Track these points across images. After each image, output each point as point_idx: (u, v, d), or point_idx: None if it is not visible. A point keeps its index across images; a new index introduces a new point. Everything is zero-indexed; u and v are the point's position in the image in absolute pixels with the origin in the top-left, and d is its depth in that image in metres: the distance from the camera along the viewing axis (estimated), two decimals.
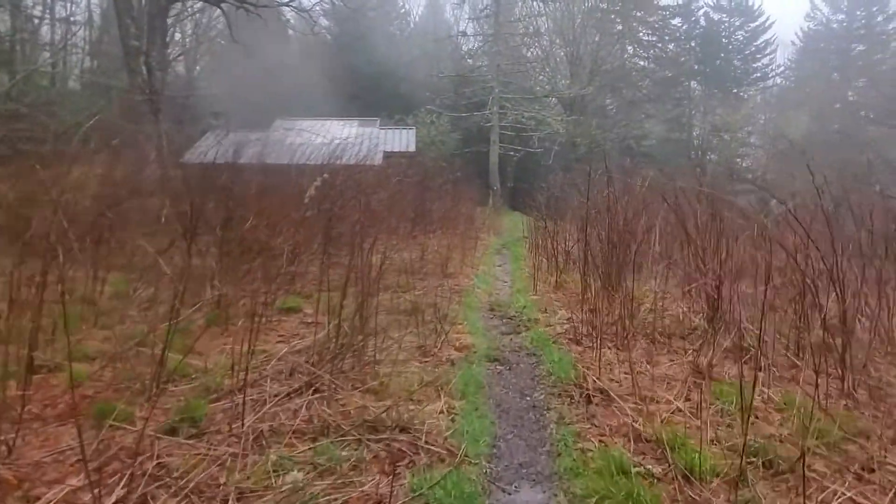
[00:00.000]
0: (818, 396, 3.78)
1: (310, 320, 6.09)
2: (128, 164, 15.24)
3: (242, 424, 3.30)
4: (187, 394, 3.87)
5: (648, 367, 4.65)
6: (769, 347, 4.94)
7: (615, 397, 3.84)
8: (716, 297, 6.11)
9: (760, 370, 4.62)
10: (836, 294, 4.30)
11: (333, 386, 3.79)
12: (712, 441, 3.32)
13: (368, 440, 3.20)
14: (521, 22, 29.17)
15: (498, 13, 27.12)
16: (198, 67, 39.08)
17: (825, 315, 4.31)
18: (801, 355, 4.80)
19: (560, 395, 4.05)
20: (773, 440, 3.34)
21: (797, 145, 36.99)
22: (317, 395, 3.65)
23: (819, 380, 4.07)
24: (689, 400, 3.94)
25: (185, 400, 3.70)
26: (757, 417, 3.59)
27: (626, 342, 5.31)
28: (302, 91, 33.38)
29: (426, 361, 4.61)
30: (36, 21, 25.80)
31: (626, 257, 8.13)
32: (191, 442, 3.20)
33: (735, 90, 43.51)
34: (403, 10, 44.05)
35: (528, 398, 4.10)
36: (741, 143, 41.23)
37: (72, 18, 28.24)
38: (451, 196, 16.01)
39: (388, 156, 23.32)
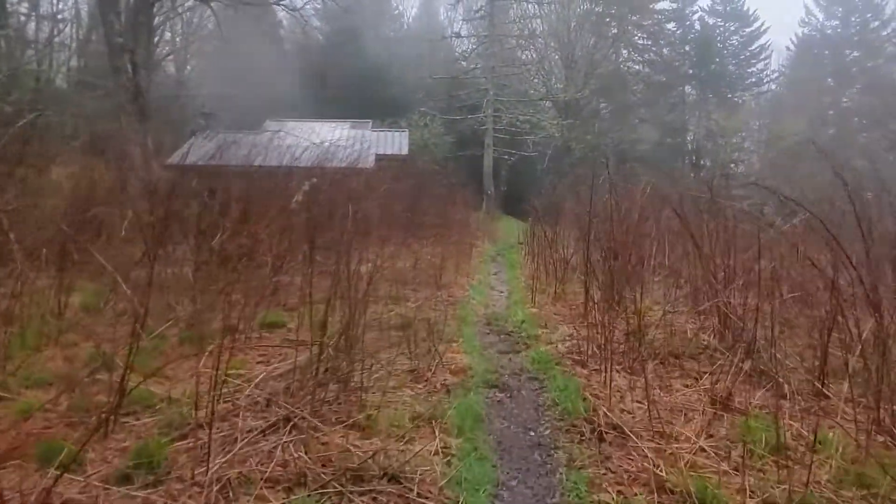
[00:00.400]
0: (857, 434, 3.38)
1: (294, 337, 5.66)
2: (111, 166, 14.77)
3: (207, 470, 2.86)
4: (149, 429, 3.43)
5: (662, 393, 4.25)
6: (791, 372, 4.55)
7: (630, 434, 3.43)
8: (728, 313, 5.73)
9: (783, 397, 4.23)
10: (871, 312, 3.90)
11: (313, 422, 3.35)
12: (744, 491, 2.91)
13: (351, 493, 2.77)
14: (515, 24, 28.84)
15: (492, 15, 26.78)
16: (188, 67, 38.59)
17: (862, 336, 3.91)
18: (824, 381, 4.40)
19: (568, 430, 3.63)
20: (813, 489, 2.94)
21: (792, 151, 36.94)
22: (294, 436, 3.21)
23: (852, 412, 3.68)
24: (711, 436, 3.54)
25: (144, 437, 3.26)
26: (790, 459, 3.18)
27: (635, 364, 4.91)
28: (293, 92, 32.96)
29: (419, 388, 4.19)
30: (22, 18, 25.21)
31: (630, 268, 7.75)
32: (146, 493, 2.76)
33: (730, 95, 43.39)
34: (397, 11, 43.74)
35: (533, 434, 3.68)
36: (736, 148, 41.13)
37: (59, 15, 27.65)
38: (445, 201, 15.58)
39: (380, 159, 22.86)
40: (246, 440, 3.18)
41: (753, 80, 45.13)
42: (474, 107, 27.26)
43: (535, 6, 29.56)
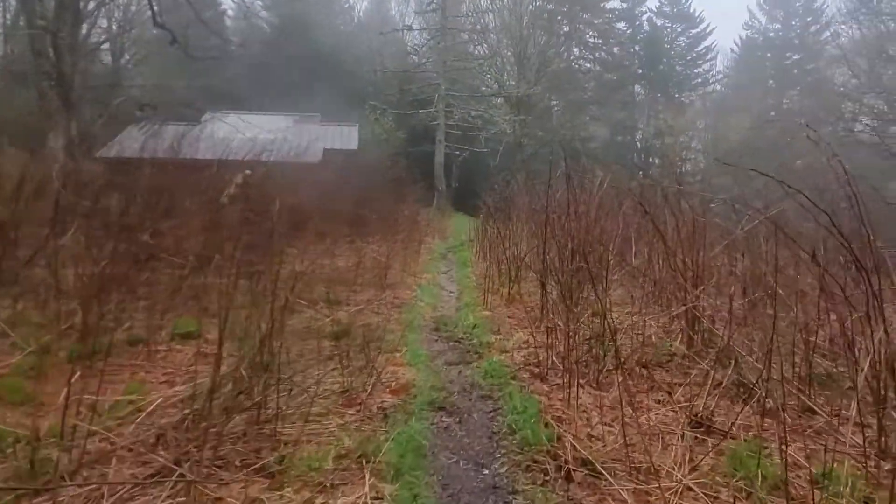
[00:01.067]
0: (866, 463, 2.88)
1: (212, 350, 4.90)
2: (32, 159, 13.51)
3: None
4: None
5: (632, 411, 3.68)
6: (772, 383, 4.06)
7: (603, 471, 2.84)
8: (698, 316, 5.25)
9: (767, 414, 3.74)
10: (870, 316, 3.42)
11: (208, 470, 2.63)
12: None
13: None
14: (468, 18, 28.27)
15: (444, 8, 26.15)
16: (126, 56, 36.58)
17: (853, 343, 3.43)
18: (810, 394, 3.93)
19: (529, 466, 3.00)
20: None
21: (736, 151, 37.69)
22: (179, 490, 2.48)
23: (853, 435, 3.19)
24: (695, 469, 2.98)
25: None
26: (792, 499, 2.65)
27: (600, 377, 4.35)
28: (239, 84, 31.65)
29: (350, 414, 3.50)
30: None
31: (589, 266, 7.24)
32: None
33: (677, 95, 44.03)
34: (347, 4, 42.69)
35: (486, 472, 3.03)
36: (683, 146, 41.75)
37: None
38: (393, 196, 14.87)
39: (327, 153, 22.00)
40: (115, 497, 2.44)
41: (699, 80, 45.95)
42: (426, 102, 26.60)
43: (488, 0, 29.13)
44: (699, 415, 3.48)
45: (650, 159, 42.07)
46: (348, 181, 14.68)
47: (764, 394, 3.87)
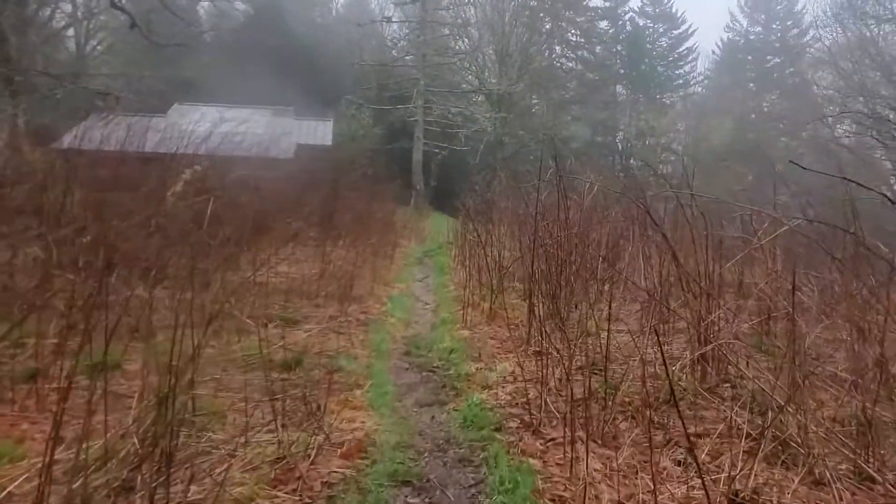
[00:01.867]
0: None
1: (127, 387, 4.05)
2: None
3: None
4: None
5: (648, 481, 2.89)
6: (817, 440, 3.30)
7: None
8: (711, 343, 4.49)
9: (819, 485, 2.98)
10: None
11: None
12: None
13: None
14: (448, 11, 27.42)
15: (425, 0, 25.27)
16: (92, 43, 35.04)
17: None
18: (869, 457, 3.17)
19: None
20: None
21: (716, 154, 37.43)
22: None
23: None
24: None
25: None
26: None
27: (603, 425, 3.55)
28: (211, 75, 30.51)
29: (282, 499, 2.64)
30: None
31: (583, 277, 6.48)
32: None
33: (658, 96, 43.69)
34: None
35: None
36: (664, 148, 41.42)
37: None
38: (368, 195, 13.95)
39: (300, 149, 21.04)
40: None
41: (681, 81, 45.64)
42: (405, 97, 25.71)
43: None
44: (741, 495, 2.69)
45: (630, 160, 41.69)
46: (320, 178, 13.78)
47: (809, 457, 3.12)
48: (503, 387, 4.30)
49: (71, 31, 33.91)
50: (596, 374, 4.59)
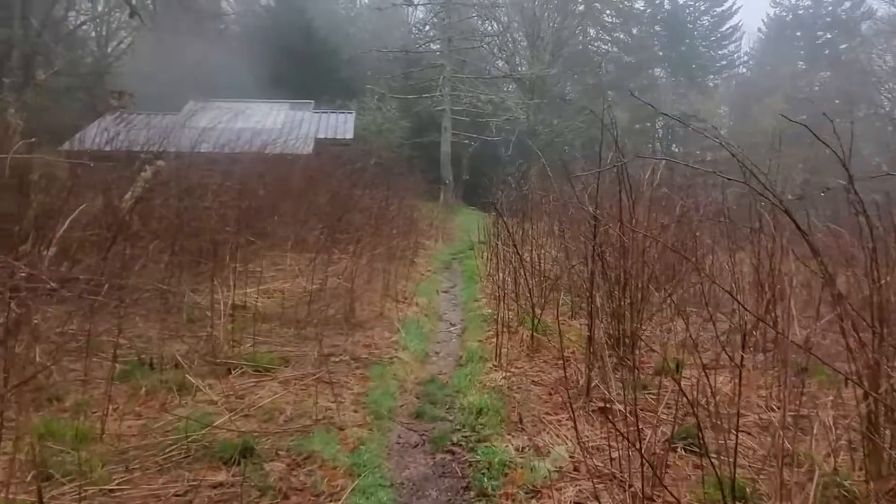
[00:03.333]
0: None
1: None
2: None
3: None
4: None
5: None
6: None
7: None
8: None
9: None
10: None
11: None
12: None
13: None
14: None
15: None
16: (117, 42, 34.39)
17: None
18: None
19: None
20: None
21: (766, 138, 34.87)
22: None
23: None
24: None
25: None
26: None
27: None
28: (233, 72, 29.62)
29: None
30: None
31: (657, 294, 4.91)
32: None
33: (700, 78, 41.22)
34: None
35: None
36: (711, 134, 38.93)
37: None
38: (392, 192, 12.40)
39: (320, 143, 19.70)
40: None
41: (724, 62, 43.08)
42: (431, 87, 24.17)
43: None
44: None
45: (672, 147, 39.44)
46: (338, 174, 12.33)
47: None
48: (562, 489, 2.73)
49: (93, 33, 33.50)
50: (692, 449, 3.03)
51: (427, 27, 26.13)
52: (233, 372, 4.05)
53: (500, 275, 7.36)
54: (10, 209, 5.59)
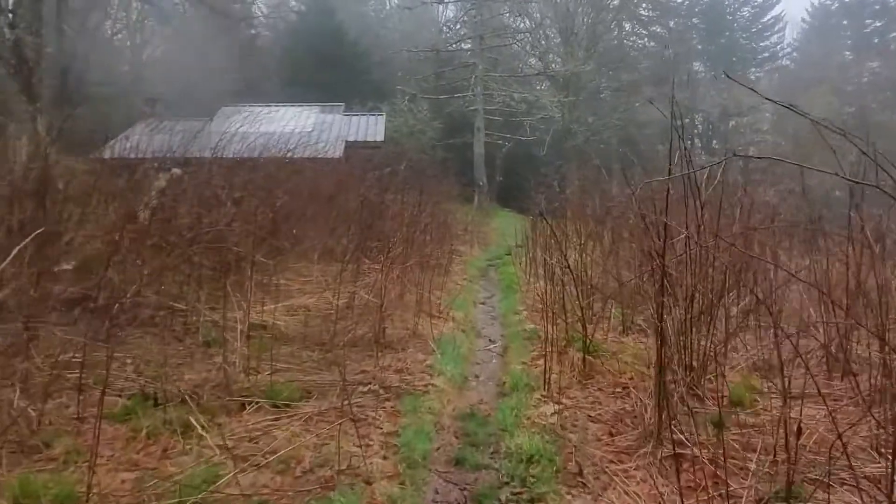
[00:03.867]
0: None
1: None
2: None
3: None
4: None
5: None
6: None
7: None
8: None
9: None
10: None
11: None
12: None
13: None
14: None
15: None
16: (148, 51, 34.81)
17: None
18: None
19: None
20: None
21: (812, 133, 33.29)
22: None
23: None
24: None
25: None
26: None
27: None
28: (264, 76, 29.68)
29: None
30: None
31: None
32: None
33: (741, 71, 39.74)
34: None
35: None
36: (752, 129, 37.57)
37: None
38: (425, 196, 11.89)
39: (350, 147, 19.35)
40: None
41: (766, 55, 41.46)
42: (463, 87, 23.65)
43: None
44: None
45: (712, 143, 38.13)
46: (368, 178, 11.88)
47: None
48: None
49: (128, 42, 33.98)
50: None
51: (458, 25, 25.60)
52: (247, 407, 3.57)
53: (543, 285, 6.78)
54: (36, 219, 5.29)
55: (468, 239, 13.64)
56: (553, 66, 29.36)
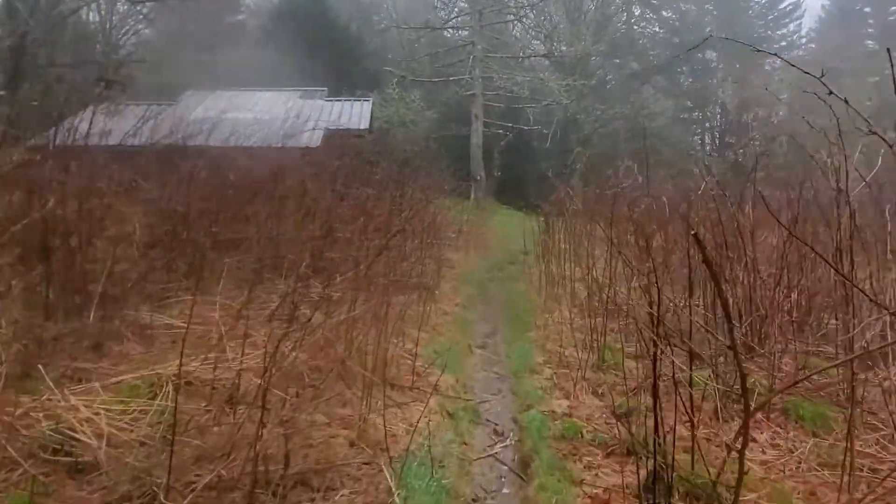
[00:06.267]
0: None
1: None
2: None
3: None
4: None
5: None
6: None
7: None
8: None
9: None
10: None
11: None
12: None
13: None
14: None
15: None
16: (123, 33, 32.23)
17: None
18: None
19: None
20: None
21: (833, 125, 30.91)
22: None
23: None
24: None
25: None
26: None
27: None
28: (249, 61, 27.42)
29: None
30: None
31: None
32: None
33: (757, 61, 37.28)
34: None
35: None
36: (763, 122, 35.15)
37: None
38: (401, 191, 9.34)
39: (331, 134, 16.89)
40: None
41: (784, 43, 38.95)
42: (460, 70, 21.20)
43: None
44: None
45: (726, 137, 35.70)
46: (343, 172, 9.37)
47: None
48: None
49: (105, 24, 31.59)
50: None
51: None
52: None
53: (568, 315, 4.35)
54: None
55: (463, 243, 11.18)
56: (560, 46, 26.71)
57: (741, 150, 30.53)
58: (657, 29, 35.32)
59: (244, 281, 4.62)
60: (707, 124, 38.03)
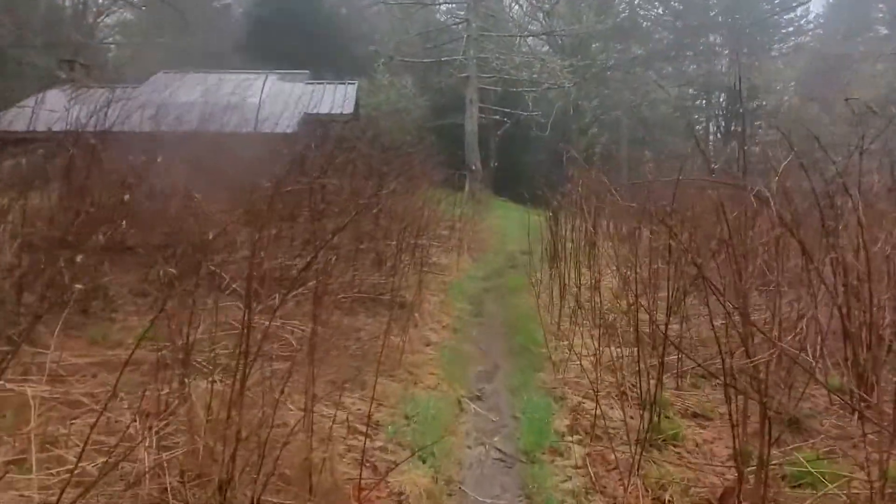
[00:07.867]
0: None
1: None
2: None
3: None
4: None
5: None
6: None
7: None
8: None
9: None
10: None
11: None
12: None
13: None
14: None
15: None
16: (101, 19, 30.59)
17: None
18: None
19: None
20: None
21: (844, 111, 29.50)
22: None
23: None
24: None
25: None
26: None
27: None
28: (231, 46, 26.01)
29: None
30: None
31: None
32: None
33: (767, 46, 35.82)
34: None
35: None
36: (768, 112, 33.71)
37: None
38: (387, 183, 7.78)
39: (310, 120, 15.34)
40: None
41: (791, 28, 37.48)
42: (453, 51, 19.67)
43: None
44: None
45: (731, 126, 34.23)
46: (319, 164, 7.81)
47: None
48: None
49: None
50: None
51: None
52: None
53: (595, 345, 2.90)
54: None
55: (455, 242, 9.65)
56: (559, 25, 24.98)
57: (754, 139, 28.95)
58: (660, 12, 33.74)
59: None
60: (718, 111, 36.49)
